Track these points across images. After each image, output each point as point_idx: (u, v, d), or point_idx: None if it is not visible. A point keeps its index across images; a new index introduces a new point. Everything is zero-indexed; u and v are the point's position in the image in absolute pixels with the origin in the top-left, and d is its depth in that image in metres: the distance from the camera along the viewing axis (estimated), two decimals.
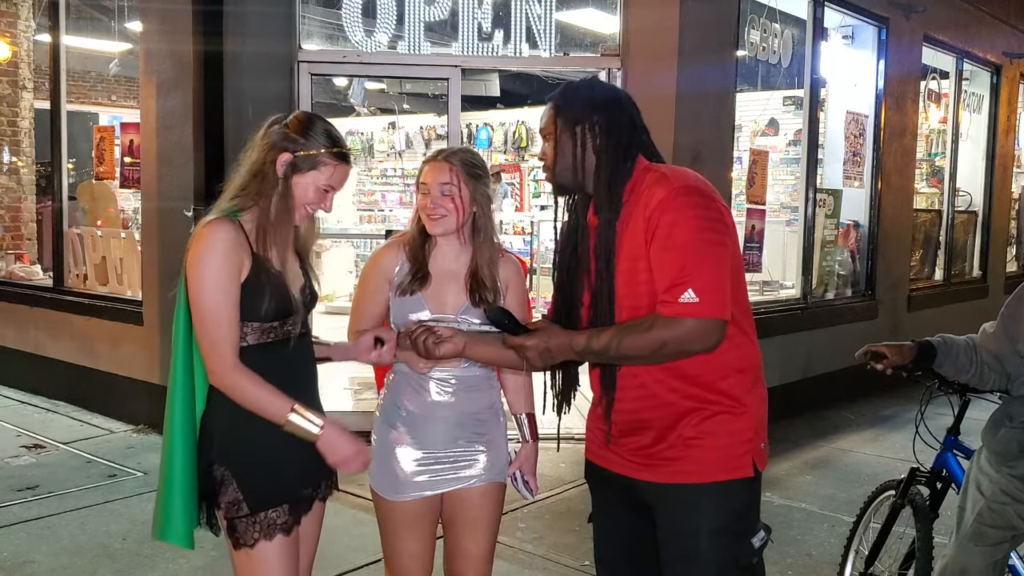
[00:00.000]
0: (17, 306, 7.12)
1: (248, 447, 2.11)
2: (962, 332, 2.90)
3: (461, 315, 2.45)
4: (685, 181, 1.98)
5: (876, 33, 7.56)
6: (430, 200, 2.43)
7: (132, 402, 6.05)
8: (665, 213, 1.91)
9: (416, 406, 2.48)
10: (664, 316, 1.89)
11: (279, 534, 2.12)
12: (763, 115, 8.73)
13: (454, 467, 2.48)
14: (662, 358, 1.96)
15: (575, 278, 2.13)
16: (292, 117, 2.16)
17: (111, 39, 8.40)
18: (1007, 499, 2.64)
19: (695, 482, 2.02)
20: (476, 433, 2.50)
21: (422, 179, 2.46)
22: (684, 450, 2.02)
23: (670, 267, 1.89)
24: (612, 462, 2.17)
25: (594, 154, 2.05)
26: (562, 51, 6.00)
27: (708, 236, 1.92)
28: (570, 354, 2.01)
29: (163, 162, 5.72)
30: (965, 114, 9.39)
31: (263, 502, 2.11)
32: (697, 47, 5.68)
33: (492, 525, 2.56)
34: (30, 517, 4.42)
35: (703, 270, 1.88)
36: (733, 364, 2.02)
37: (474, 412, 2.50)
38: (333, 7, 5.79)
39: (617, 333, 1.95)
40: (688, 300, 1.86)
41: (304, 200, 2.14)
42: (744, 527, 2.05)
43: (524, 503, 4.68)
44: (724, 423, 2.02)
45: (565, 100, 2.10)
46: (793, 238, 7.26)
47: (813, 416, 6.71)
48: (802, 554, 4.17)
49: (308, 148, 2.12)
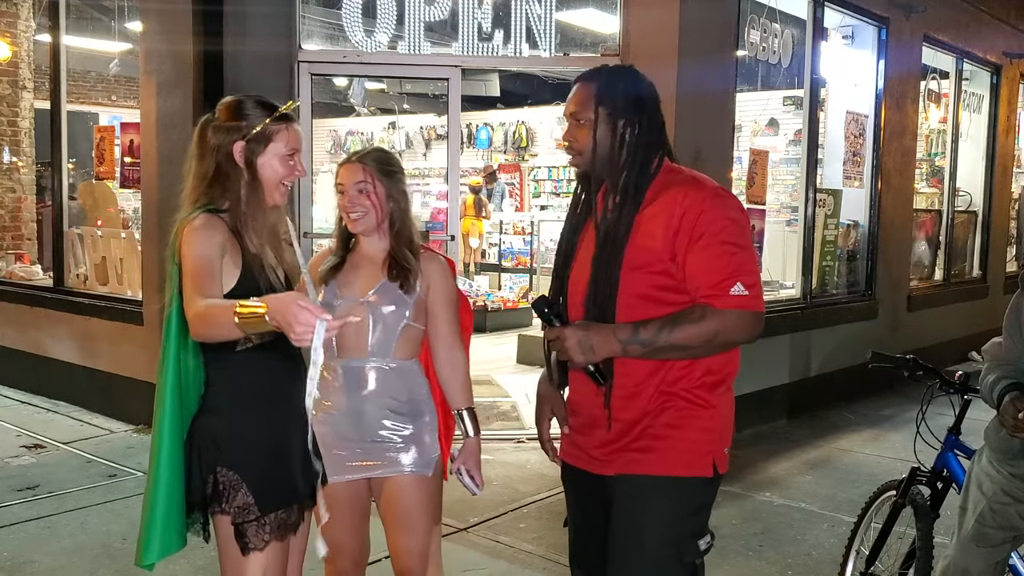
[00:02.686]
0: (17, 306, 7.12)
1: (256, 449, 2.08)
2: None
3: (371, 294, 2.49)
4: (715, 184, 2.09)
5: (876, 33, 7.55)
6: (347, 199, 2.49)
7: (132, 402, 6.04)
8: (703, 212, 1.99)
9: (334, 396, 2.49)
10: (715, 308, 1.97)
11: (289, 534, 2.10)
12: (763, 115, 8.74)
13: (375, 456, 2.49)
14: (711, 349, 2.02)
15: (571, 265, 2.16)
16: (218, 109, 2.11)
17: (111, 39, 8.40)
18: (1008, 499, 2.63)
19: (653, 474, 2.05)
20: (397, 424, 2.50)
21: (338, 180, 2.51)
22: (651, 441, 2.06)
23: (719, 263, 1.98)
24: (581, 459, 2.19)
25: (628, 151, 2.08)
26: (562, 51, 6.00)
27: (747, 236, 2.05)
28: (613, 346, 2.00)
29: (163, 162, 5.72)
30: (965, 114, 9.38)
31: (274, 504, 2.08)
32: (697, 47, 5.67)
33: (422, 517, 2.54)
34: (30, 517, 4.42)
35: (749, 266, 2.01)
36: (709, 365, 2.07)
37: (391, 406, 2.50)
38: (333, 7, 5.79)
39: (667, 323, 1.98)
40: (738, 293, 1.97)
41: (275, 176, 2.09)
42: (694, 526, 2.07)
43: (524, 503, 4.68)
44: (692, 420, 2.06)
45: (609, 90, 2.10)
46: (793, 238, 7.26)
47: (813, 416, 6.71)
48: (802, 554, 4.17)
49: (253, 125, 2.06)
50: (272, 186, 2.10)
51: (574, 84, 2.17)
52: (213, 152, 2.06)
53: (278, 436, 2.09)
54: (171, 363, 2.07)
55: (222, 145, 2.05)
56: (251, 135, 2.05)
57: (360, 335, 2.48)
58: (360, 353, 2.48)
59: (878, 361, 3.18)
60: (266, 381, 2.11)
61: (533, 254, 11.19)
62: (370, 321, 2.48)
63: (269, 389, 2.12)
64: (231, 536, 2.07)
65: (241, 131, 2.05)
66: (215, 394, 2.08)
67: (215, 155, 2.06)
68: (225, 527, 2.08)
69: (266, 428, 2.07)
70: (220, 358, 2.09)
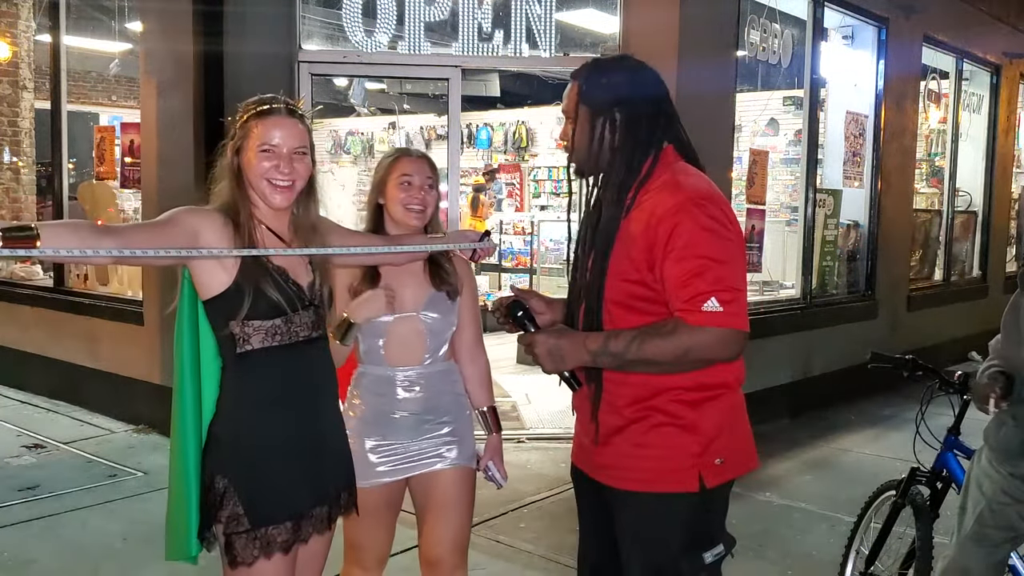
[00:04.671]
0: (17, 306, 7.13)
1: (250, 457, 2.00)
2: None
3: (423, 311, 2.47)
4: (696, 188, 1.94)
5: (876, 33, 7.56)
6: (416, 192, 2.45)
7: (132, 402, 6.05)
8: (678, 223, 1.87)
9: (383, 404, 2.50)
10: (687, 323, 1.86)
11: (277, 552, 1.99)
12: (763, 115, 8.73)
13: (419, 456, 2.50)
14: (684, 366, 1.91)
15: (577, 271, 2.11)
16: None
17: (111, 39, 8.39)
18: (1008, 499, 2.63)
19: (637, 490, 2.00)
20: (441, 423, 2.52)
21: (404, 171, 2.46)
22: (626, 458, 2.00)
23: (692, 277, 1.86)
24: (582, 461, 2.17)
25: (610, 151, 2.00)
26: (562, 51, 6.00)
27: (728, 248, 1.90)
28: (583, 356, 1.94)
29: (163, 162, 5.72)
30: (965, 114, 9.38)
31: (264, 518, 1.98)
32: (697, 47, 5.68)
33: (464, 509, 2.55)
34: (30, 517, 4.42)
35: (728, 281, 1.87)
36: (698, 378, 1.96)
37: (439, 405, 2.53)
38: (333, 7, 5.79)
39: (637, 335, 1.89)
40: (711, 309, 1.84)
41: (257, 174, 1.99)
42: (688, 540, 1.99)
43: (524, 503, 4.68)
44: (667, 436, 1.97)
45: (589, 84, 2.02)
46: (793, 238, 7.26)
47: (813, 416, 6.71)
48: (802, 554, 4.17)
49: (235, 123, 2.04)
50: (256, 183, 2.00)
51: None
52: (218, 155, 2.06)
53: (276, 447, 2.01)
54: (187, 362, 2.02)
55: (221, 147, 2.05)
56: (235, 131, 2.03)
57: (415, 347, 2.49)
58: (414, 362, 2.49)
59: (878, 361, 3.18)
60: (268, 388, 2.02)
61: (533, 254, 11.18)
62: (426, 334, 2.48)
63: (271, 397, 2.03)
64: (223, 546, 2.00)
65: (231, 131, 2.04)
66: (222, 398, 2.03)
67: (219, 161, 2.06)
68: (220, 536, 2.01)
69: (263, 437, 2.00)
70: (228, 360, 2.02)
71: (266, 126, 1.99)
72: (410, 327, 2.48)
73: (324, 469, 2.09)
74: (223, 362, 2.04)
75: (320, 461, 2.08)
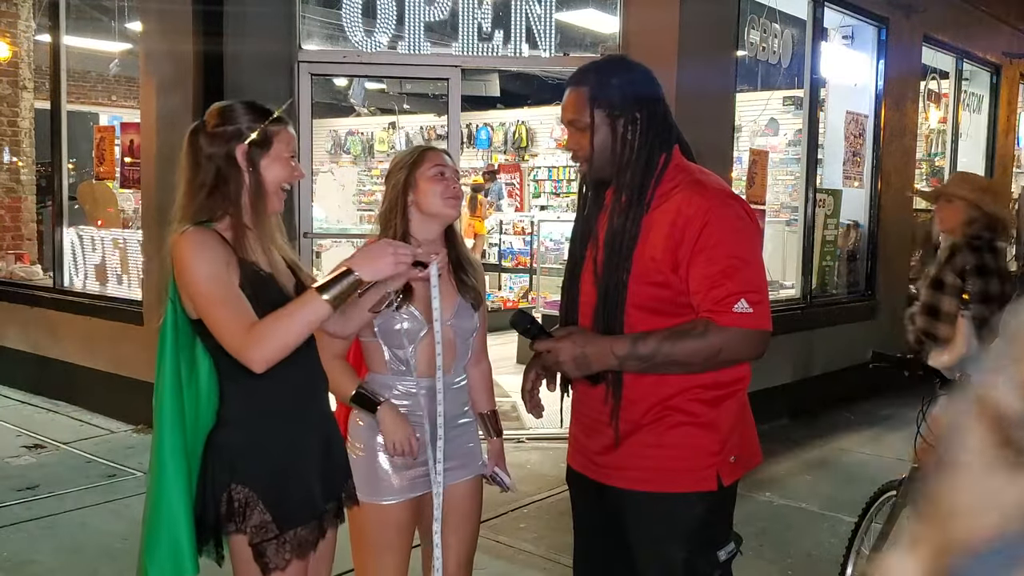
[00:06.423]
0: (17, 306, 7.12)
1: (272, 464, 1.98)
2: None
3: (453, 320, 2.40)
4: (722, 187, 1.97)
5: (876, 33, 7.56)
6: (449, 183, 2.38)
7: (132, 402, 6.04)
8: (708, 222, 1.87)
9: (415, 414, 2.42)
10: (717, 324, 1.86)
11: (309, 551, 2.01)
12: (763, 115, 8.74)
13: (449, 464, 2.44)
14: (713, 366, 1.91)
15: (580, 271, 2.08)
16: (207, 116, 2.02)
17: (111, 39, 8.39)
18: None
19: (653, 491, 1.99)
20: (456, 435, 2.47)
21: (436, 162, 2.39)
22: (642, 459, 1.99)
23: (723, 278, 1.86)
24: (584, 463, 2.15)
25: (631, 149, 1.97)
26: (562, 51, 6.00)
27: (754, 247, 1.94)
28: (610, 360, 1.91)
29: (163, 162, 5.72)
30: (965, 114, 9.39)
31: (292, 520, 1.98)
32: (697, 47, 5.67)
33: (476, 520, 2.54)
34: (30, 517, 4.42)
35: (756, 282, 1.90)
36: (716, 377, 1.96)
37: (455, 416, 2.47)
38: (333, 7, 5.79)
39: (667, 337, 1.88)
40: (742, 311, 1.85)
41: (276, 180, 2.00)
42: (705, 539, 2.00)
43: (524, 503, 4.68)
44: (686, 435, 1.97)
45: (602, 88, 1.99)
46: (793, 238, 7.26)
47: (813, 416, 6.71)
48: (802, 554, 4.17)
49: (253, 128, 1.98)
50: (273, 190, 2.02)
51: (566, 89, 2.05)
52: (210, 159, 1.97)
53: (295, 450, 2.01)
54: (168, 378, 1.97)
55: (220, 151, 1.97)
56: (253, 138, 1.97)
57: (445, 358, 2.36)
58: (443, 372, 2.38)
59: (879, 361, 3.17)
60: (281, 393, 2.01)
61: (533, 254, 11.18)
62: (457, 344, 2.42)
63: (285, 402, 2.02)
64: (249, 558, 1.96)
65: (242, 135, 1.97)
66: (229, 408, 1.99)
67: (213, 162, 1.97)
68: (241, 548, 1.97)
69: (282, 442, 1.99)
70: (233, 370, 1.94)
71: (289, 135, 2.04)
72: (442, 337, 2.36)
73: (332, 464, 2.09)
74: (227, 373, 1.98)
75: (329, 458, 2.08)
